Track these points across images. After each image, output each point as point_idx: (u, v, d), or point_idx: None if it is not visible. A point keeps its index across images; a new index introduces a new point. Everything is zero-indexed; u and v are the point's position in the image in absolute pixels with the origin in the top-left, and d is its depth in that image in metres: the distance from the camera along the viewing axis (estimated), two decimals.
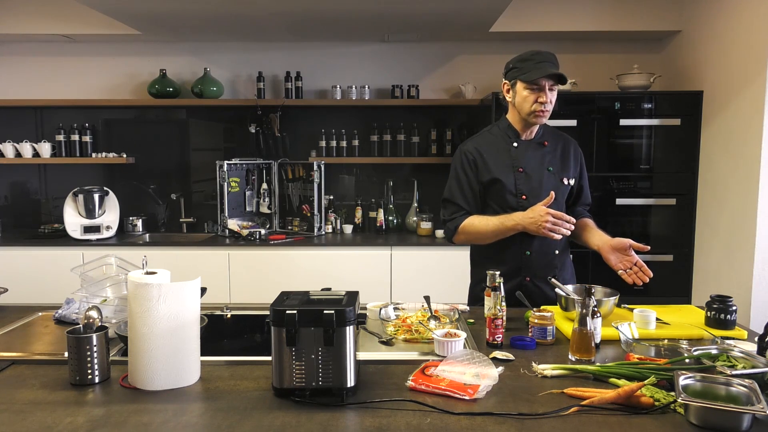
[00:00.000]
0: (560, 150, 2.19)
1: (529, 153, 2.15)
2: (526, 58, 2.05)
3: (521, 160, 2.13)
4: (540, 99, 2.03)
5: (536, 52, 2.05)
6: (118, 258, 1.95)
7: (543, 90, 2.02)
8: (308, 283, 2.85)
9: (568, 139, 2.24)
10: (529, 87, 2.03)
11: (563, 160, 2.18)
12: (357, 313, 1.37)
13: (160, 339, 1.37)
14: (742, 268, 3.14)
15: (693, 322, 1.82)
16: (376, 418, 1.24)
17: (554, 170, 2.15)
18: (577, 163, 2.22)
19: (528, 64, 2.03)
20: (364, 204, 4.24)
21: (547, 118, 2.09)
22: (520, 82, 2.05)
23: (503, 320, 1.69)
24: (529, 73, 2.02)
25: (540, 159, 2.15)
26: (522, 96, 2.06)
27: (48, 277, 3.60)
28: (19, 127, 4.23)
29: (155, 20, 3.57)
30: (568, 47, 4.13)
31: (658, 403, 1.27)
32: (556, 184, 2.13)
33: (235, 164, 4.07)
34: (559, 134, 2.24)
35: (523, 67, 2.04)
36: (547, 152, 2.16)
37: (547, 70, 2.00)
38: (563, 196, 2.17)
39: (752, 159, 3.06)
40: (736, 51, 3.24)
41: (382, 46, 4.23)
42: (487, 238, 2.12)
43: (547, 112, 2.07)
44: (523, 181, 2.12)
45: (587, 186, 2.29)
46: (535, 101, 2.03)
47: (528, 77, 2.02)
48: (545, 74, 1.99)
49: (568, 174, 2.18)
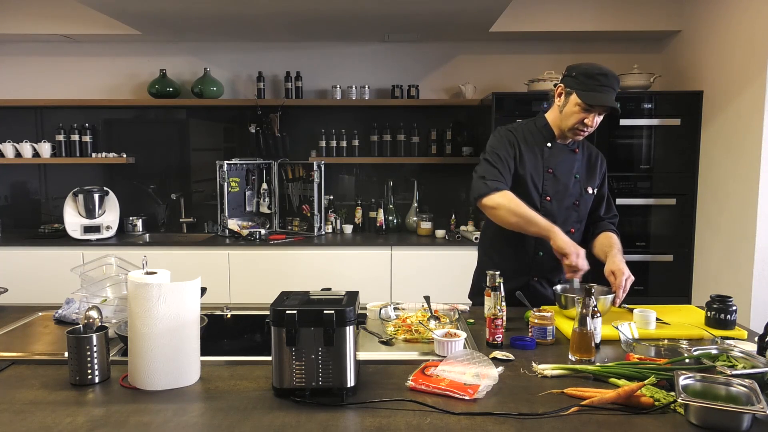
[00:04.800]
0: (587, 159, 2.18)
1: (561, 156, 2.13)
2: (592, 74, 1.97)
3: (552, 161, 2.12)
4: (586, 121, 2.00)
5: (603, 73, 1.97)
6: (118, 258, 1.95)
7: (593, 113, 1.99)
8: (308, 283, 2.84)
9: (595, 150, 2.24)
10: (581, 105, 1.98)
11: (589, 170, 2.18)
12: (357, 313, 1.37)
13: (160, 339, 1.37)
14: (742, 268, 3.14)
15: (693, 322, 1.82)
16: (376, 418, 1.24)
17: (580, 178, 2.15)
18: (602, 175, 2.21)
19: (591, 83, 1.97)
20: (364, 204, 4.24)
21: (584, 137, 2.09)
22: (575, 95, 1.99)
23: (503, 320, 1.69)
24: (589, 95, 1.96)
25: (570, 164, 2.14)
26: (571, 110, 2.01)
27: (48, 277, 3.60)
28: (19, 127, 4.23)
29: (155, 20, 3.57)
30: (568, 47, 4.13)
31: (658, 403, 1.27)
32: (580, 192, 2.14)
33: (235, 164, 4.07)
34: (587, 144, 2.23)
35: (586, 84, 1.97)
36: (576, 159, 2.16)
37: (607, 100, 1.95)
38: (586, 205, 2.17)
39: (752, 159, 3.06)
40: (736, 51, 3.24)
41: (382, 46, 4.23)
42: (516, 218, 1.98)
43: (587, 133, 2.06)
44: (550, 183, 2.11)
45: (610, 197, 2.26)
46: (581, 121, 2.00)
47: (585, 99, 1.96)
48: (603, 104, 1.96)
49: (593, 184, 2.17)
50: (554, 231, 1.95)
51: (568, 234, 2.11)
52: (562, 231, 1.96)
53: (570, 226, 2.14)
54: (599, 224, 2.24)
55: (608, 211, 2.27)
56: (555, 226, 1.97)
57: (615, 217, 2.28)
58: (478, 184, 2.05)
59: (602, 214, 2.25)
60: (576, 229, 2.16)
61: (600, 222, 2.25)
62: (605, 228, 2.22)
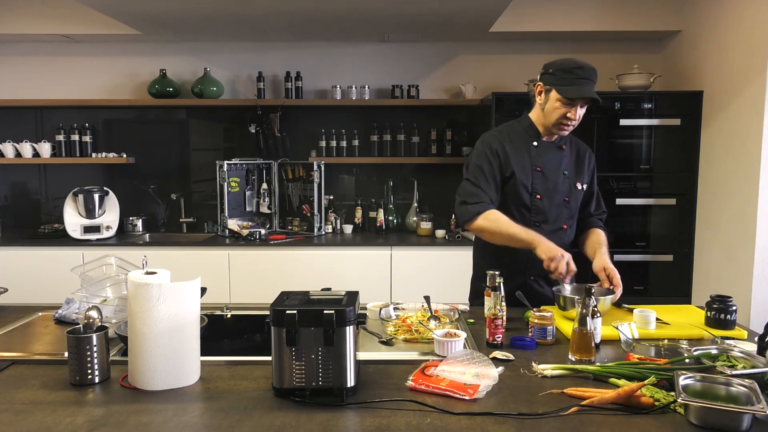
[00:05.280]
0: (575, 155, 2.19)
1: (549, 154, 2.14)
2: (568, 68, 1.99)
3: (540, 159, 2.13)
4: (569, 114, 2.01)
5: (579, 66, 1.99)
6: (118, 258, 1.95)
7: (575, 107, 2.00)
8: (308, 283, 2.84)
9: (583, 145, 2.25)
10: (561, 100, 1.99)
11: (578, 166, 2.19)
12: (357, 313, 1.37)
13: (160, 339, 1.37)
14: (742, 268, 3.14)
15: (693, 322, 1.82)
16: (376, 418, 1.24)
17: (569, 174, 2.16)
18: (590, 170, 2.22)
19: (569, 78, 1.98)
20: (364, 204, 4.24)
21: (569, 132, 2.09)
22: (555, 91, 2.01)
23: (503, 320, 1.69)
24: (567, 89, 1.97)
25: (558, 161, 2.15)
26: (552, 106, 2.03)
27: (48, 277, 3.60)
28: (19, 127, 4.23)
29: (155, 20, 3.57)
30: (568, 47, 4.13)
31: (658, 403, 1.27)
32: (569, 188, 2.15)
33: (235, 164, 4.07)
34: (575, 140, 2.24)
35: (564, 79, 1.99)
36: (564, 156, 2.17)
37: (586, 92, 1.96)
38: (576, 201, 2.18)
39: (752, 159, 3.06)
40: (736, 51, 3.24)
41: (382, 46, 4.23)
42: (501, 237, 2.03)
43: (572, 127, 2.07)
44: (540, 181, 2.12)
45: (599, 193, 2.28)
46: (564, 116, 2.02)
47: (564, 93, 1.98)
48: (583, 96, 1.97)
49: (581, 179, 2.18)
50: (537, 241, 1.95)
51: (561, 231, 2.13)
52: (545, 238, 1.96)
53: (562, 222, 2.15)
54: (588, 220, 2.26)
55: (597, 208, 2.28)
56: (538, 235, 1.97)
57: (603, 213, 2.30)
58: (460, 211, 2.12)
59: (592, 210, 2.27)
60: (568, 225, 2.17)
61: (589, 218, 2.26)
62: (594, 225, 2.25)
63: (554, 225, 2.13)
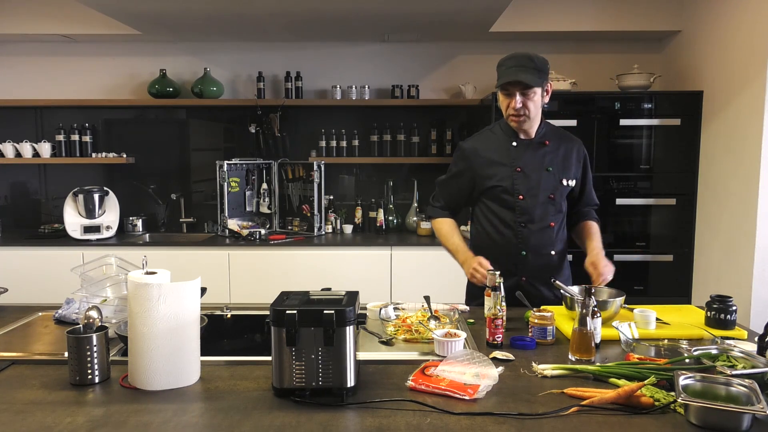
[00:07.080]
0: (562, 150, 2.17)
1: (529, 152, 2.14)
2: (502, 63, 2.06)
3: (520, 159, 2.12)
4: (511, 105, 2.04)
5: (511, 55, 2.05)
6: (118, 258, 1.95)
7: (513, 96, 2.03)
8: (308, 283, 2.84)
9: (573, 139, 2.22)
10: (500, 92, 2.05)
11: (564, 161, 2.16)
12: (357, 313, 1.37)
13: (160, 339, 1.37)
14: (742, 268, 3.14)
15: (693, 322, 1.82)
16: (376, 418, 1.24)
17: (554, 170, 2.13)
18: (580, 164, 2.20)
19: (502, 70, 2.05)
20: (364, 204, 4.24)
21: (528, 122, 2.09)
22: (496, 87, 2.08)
23: (503, 320, 1.69)
24: (499, 79, 2.04)
25: (540, 159, 2.14)
26: (500, 102, 2.10)
27: (48, 277, 3.60)
28: (19, 127, 4.23)
29: (155, 20, 3.57)
30: (568, 47, 4.13)
31: (658, 403, 1.27)
32: (554, 185, 2.13)
33: (235, 164, 4.07)
34: (564, 134, 2.22)
35: (499, 73, 2.06)
36: (547, 152, 2.15)
37: (510, 75, 2.00)
38: (562, 197, 2.16)
39: (752, 159, 3.06)
40: (736, 51, 3.24)
41: (382, 46, 4.23)
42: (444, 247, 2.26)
43: (524, 117, 2.07)
44: (521, 181, 2.11)
45: (591, 187, 2.27)
46: (507, 107, 2.06)
47: (498, 83, 2.05)
48: (507, 81, 2.00)
49: (568, 175, 2.16)
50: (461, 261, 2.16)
51: (548, 229, 2.13)
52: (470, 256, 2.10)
53: (549, 220, 2.13)
54: (580, 212, 2.26)
55: (589, 200, 2.28)
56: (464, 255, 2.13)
57: (596, 206, 2.30)
58: (428, 208, 2.38)
59: (584, 202, 2.26)
60: (555, 222, 2.15)
61: (581, 210, 2.26)
62: (586, 217, 2.25)
63: (541, 224, 2.12)
